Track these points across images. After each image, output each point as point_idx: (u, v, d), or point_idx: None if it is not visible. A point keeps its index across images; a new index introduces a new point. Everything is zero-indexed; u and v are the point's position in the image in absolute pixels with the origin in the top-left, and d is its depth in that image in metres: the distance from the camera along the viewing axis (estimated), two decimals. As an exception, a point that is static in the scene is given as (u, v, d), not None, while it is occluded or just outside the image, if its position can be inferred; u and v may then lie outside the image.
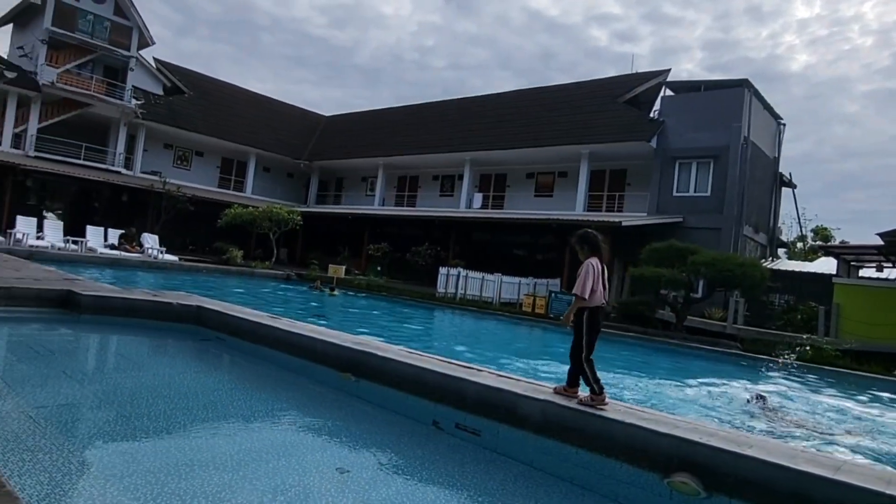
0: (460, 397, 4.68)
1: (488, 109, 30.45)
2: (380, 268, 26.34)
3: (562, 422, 4.06)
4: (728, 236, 21.09)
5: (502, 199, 29.75)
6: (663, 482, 3.49)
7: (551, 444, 4.06)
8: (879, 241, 15.22)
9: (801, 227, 34.07)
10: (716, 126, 21.97)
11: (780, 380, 10.66)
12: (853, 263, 19.90)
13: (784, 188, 26.84)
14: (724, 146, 21.66)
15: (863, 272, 20.27)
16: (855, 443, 6.44)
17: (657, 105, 24.77)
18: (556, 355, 12.30)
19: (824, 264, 21.45)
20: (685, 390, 8.99)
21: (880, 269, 19.56)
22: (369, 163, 34.46)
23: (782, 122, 25.63)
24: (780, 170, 25.94)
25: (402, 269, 26.85)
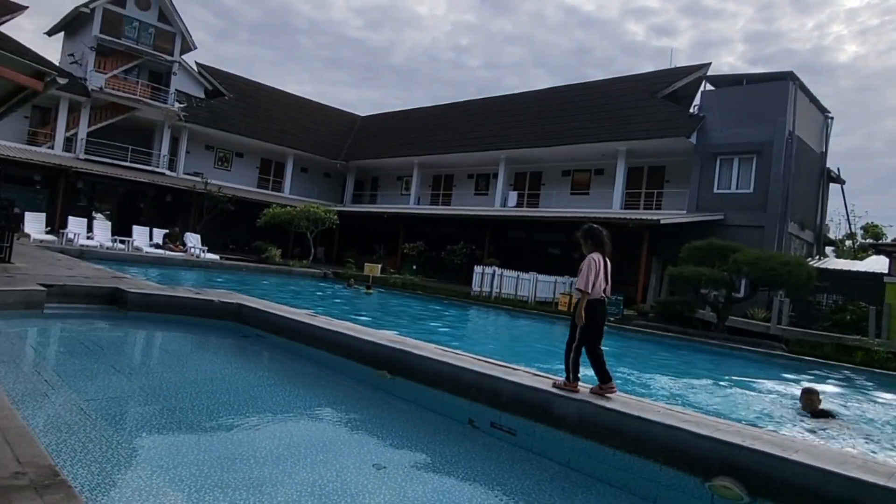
0: (496, 396, 4.67)
1: (523, 107, 30.24)
2: (415, 266, 26.48)
3: (599, 422, 4.02)
4: (772, 234, 20.45)
5: (537, 197, 29.52)
6: (704, 486, 3.41)
7: (588, 445, 4.01)
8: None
9: (849, 224, 32.74)
10: (759, 121, 21.31)
11: (828, 382, 10.29)
12: (906, 262, 19.00)
13: (832, 184, 25.87)
14: (768, 141, 21.00)
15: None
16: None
17: (697, 100, 24.16)
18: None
19: (875, 263, 20.58)
20: (727, 392, 8.76)
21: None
22: (404, 162, 34.65)
23: (830, 115, 24.71)
24: (828, 165, 25.02)
25: (437, 268, 26.92)
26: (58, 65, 28.94)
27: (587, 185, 28.09)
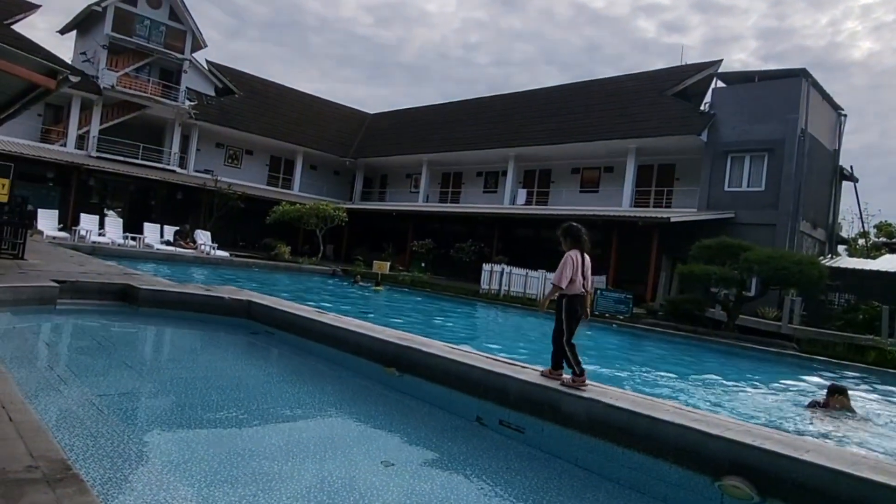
0: (504, 394, 4.66)
1: (532, 104, 30.15)
2: (424, 264, 26.51)
3: (608, 421, 4.00)
4: (783, 232, 20.28)
5: (546, 194, 29.43)
6: (714, 485, 3.39)
7: (597, 444, 4.00)
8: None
9: (863, 222, 32.33)
10: (771, 118, 21.13)
11: (840, 382, 10.18)
12: (921, 261, 18.80)
13: (844, 182, 25.59)
14: (780, 139, 20.81)
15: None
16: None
17: (708, 97, 23.98)
18: (602, 353, 12.12)
19: (888, 262, 20.36)
20: (736, 391, 8.71)
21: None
22: (413, 159, 34.66)
23: (843, 112, 24.44)
24: (841, 163, 24.75)
25: (446, 266, 26.93)
26: (70, 63, 29.07)
27: (596, 183, 27.98)
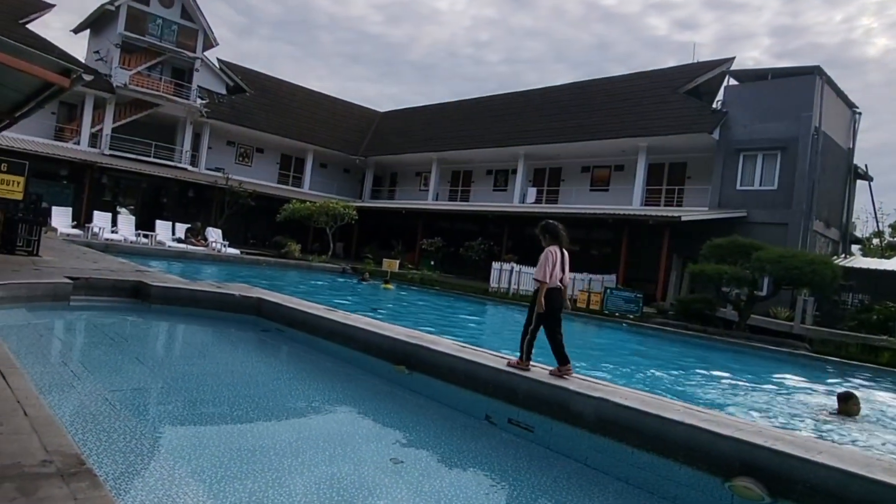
0: (513, 393, 4.66)
1: (543, 103, 30.04)
2: (433, 262, 26.53)
3: (617, 420, 3.99)
4: (796, 232, 20.08)
5: (557, 193, 29.33)
6: (725, 486, 3.38)
7: (606, 443, 3.99)
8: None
9: (877, 221, 31.93)
10: (784, 116, 20.92)
11: (853, 383, 10.09)
12: (937, 261, 18.55)
13: (859, 181, 25.28)
14: (793, 137, 20.60)
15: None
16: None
17: (720, 95, 23.77)
18: (611, 352, 12.07)
19: (903, 262, 20.12)
20: (747, 391, 8.64)
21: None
22: (423, 158, 34.66)
23: (857, 110, 24.13)
24: (855, 161, 24.44)
25: (456, 264, 26.93)
26: (84, 62, 29.46)
27: (607, 182, 27.84)
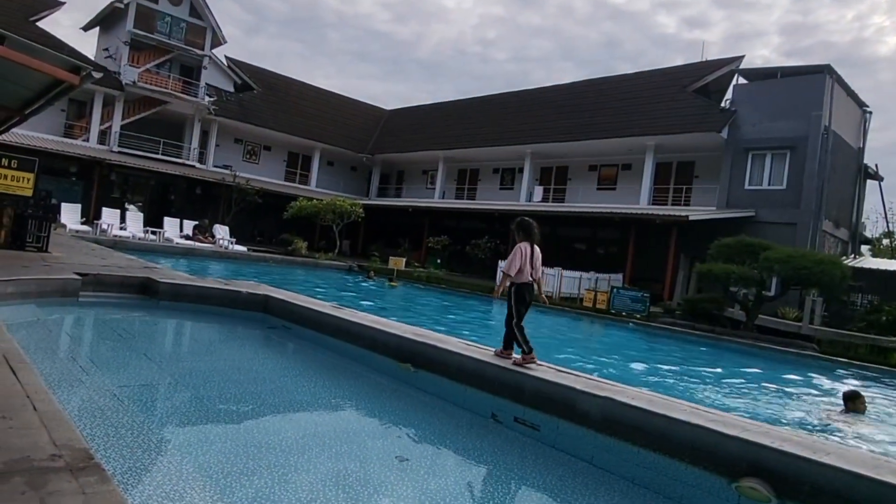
0: (519, 391, 4.66)
1: (550, 101, 29.96)
2: (439, 260, 26.53)
3: (623, 420, 3.98)
4: (805, 232, 19.94)
5: (563, 192, 29.25)
6: (731, 487, 3.36)
7: (612, 442, 3.98)
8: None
9: (887, 222, 31.70)
10: (794, 115, 20.77)
11: (861, 384, 10.01)
12: (948, 262, 18.38)
13: (869, 180, 25.08)
14: (803, 136, 20.46)
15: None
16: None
17: (729, 94, 23.63)
18: (617, 352, 12.04)
19: (914, 263, 19.95)
20: (754, 391, 8.60)
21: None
22: (430, 156, 34.66)
23: (868, 109, 23.93)
24: (865, 161, 24.26)
25: (462, 262, 26.93)
26: (93, 59, 29.65)
27: (614, 181, 27.74)
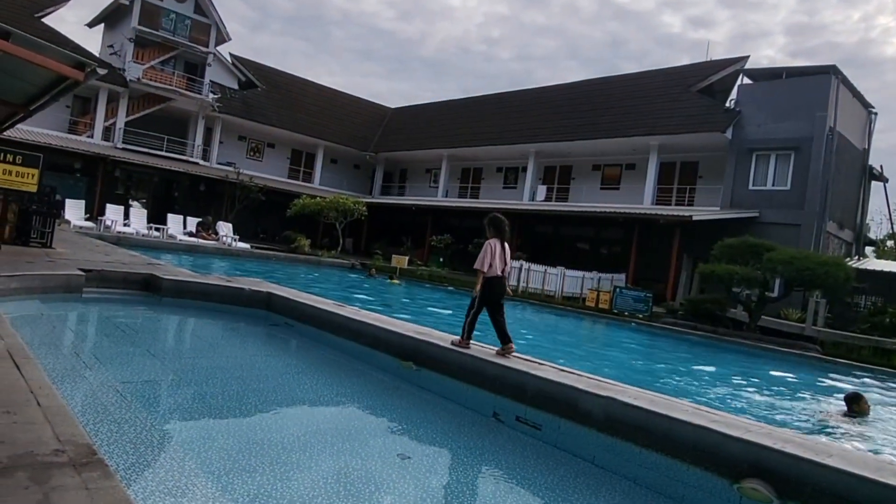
0: (521, 390, 4.66)
1: (554, 100, 29.92)
2: (442, 259, 26.54)
3: (625, 420, 3.97)
4: (809, 233, 19.90)
5: (567, 191, 29.23)
6: (733, 487, 3.36)
7: (614, 443, 3.98)
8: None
9: (892, 223, 31.53)
10: (798, 115, 20.71)
11: (864, 386, 9.99)
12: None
13: (874, 182, 25.01)
14: (808, 137, 20.40)
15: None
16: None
17: (734, 94, 23.57)
18: (619, 351, 12.03)
19: (918, 264, 19.88)
20: (756, 392, 8.58)
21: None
22: (433, 154, 34.66)
23: (874, 110, 23.86)
24: (870, 162, 24.20)
25: (465, 261, 26.89)
26: (98, 56, 29.69)
27: (617, 180, 27.70)
